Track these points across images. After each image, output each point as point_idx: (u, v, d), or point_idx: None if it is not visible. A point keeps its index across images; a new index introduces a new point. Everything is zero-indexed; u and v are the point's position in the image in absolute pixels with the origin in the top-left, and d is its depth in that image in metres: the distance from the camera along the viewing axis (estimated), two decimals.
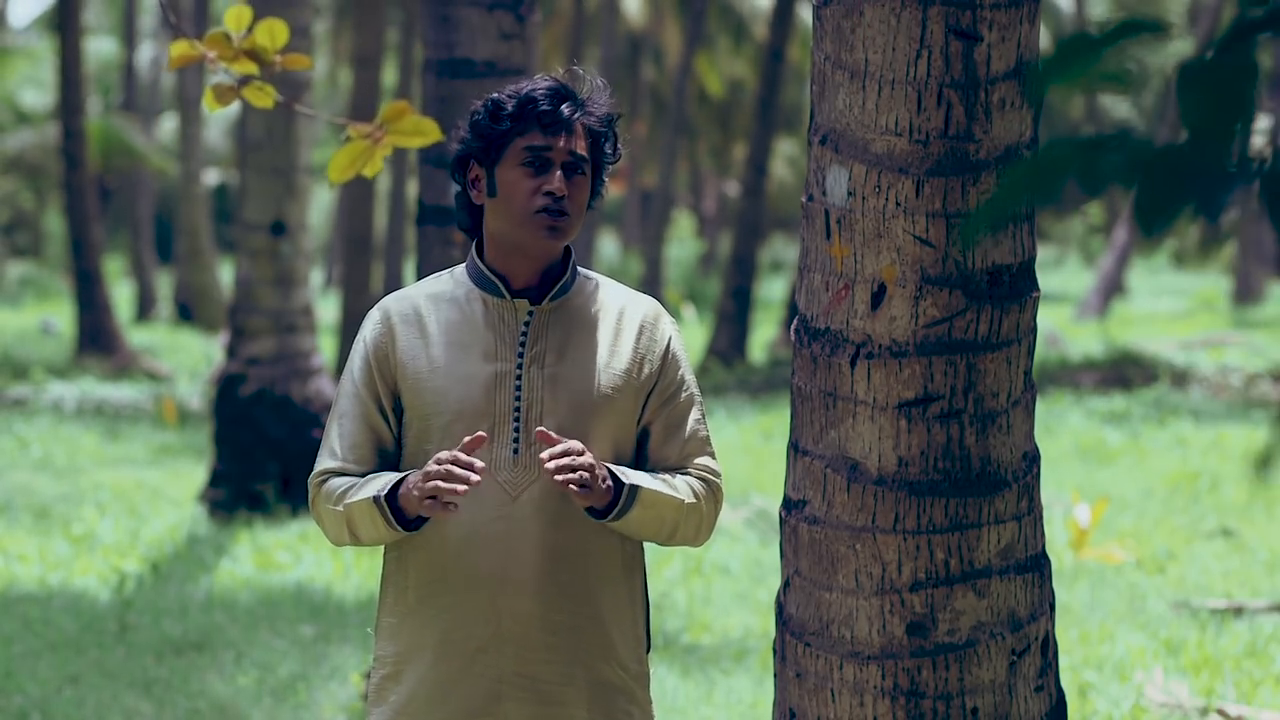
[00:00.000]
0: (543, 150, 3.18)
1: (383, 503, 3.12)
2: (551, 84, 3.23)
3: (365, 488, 3.17)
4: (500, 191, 3.21)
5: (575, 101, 3.22)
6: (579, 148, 3.20)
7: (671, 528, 3.21)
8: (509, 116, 3.19)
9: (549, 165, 3.19)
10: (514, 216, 3.19)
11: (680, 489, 3.21)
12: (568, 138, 3.19)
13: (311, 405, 10.56)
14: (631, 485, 3.12)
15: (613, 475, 3.13)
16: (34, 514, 10.32)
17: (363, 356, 3.26)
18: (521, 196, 3.18)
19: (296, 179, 10.69)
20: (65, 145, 19.82)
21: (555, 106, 3.19)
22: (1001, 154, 3.17)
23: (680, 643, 7.41)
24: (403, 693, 3.23)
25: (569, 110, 3.20)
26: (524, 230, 3.19)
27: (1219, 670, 6.66)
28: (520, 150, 3.19)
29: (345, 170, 4.06)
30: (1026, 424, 3.31)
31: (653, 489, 3.15)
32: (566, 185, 3.18)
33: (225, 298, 23.62)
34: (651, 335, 3.27)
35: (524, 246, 3.21)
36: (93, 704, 6.35)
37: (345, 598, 8.16)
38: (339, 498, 3.19)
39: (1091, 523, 9.01)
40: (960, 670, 3.24)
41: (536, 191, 3.17)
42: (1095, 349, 19.83)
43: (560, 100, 3.20)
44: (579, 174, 3.21)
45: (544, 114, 3.18)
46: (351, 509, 3.15)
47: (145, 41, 35.54)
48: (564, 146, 3.19)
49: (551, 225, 3.18)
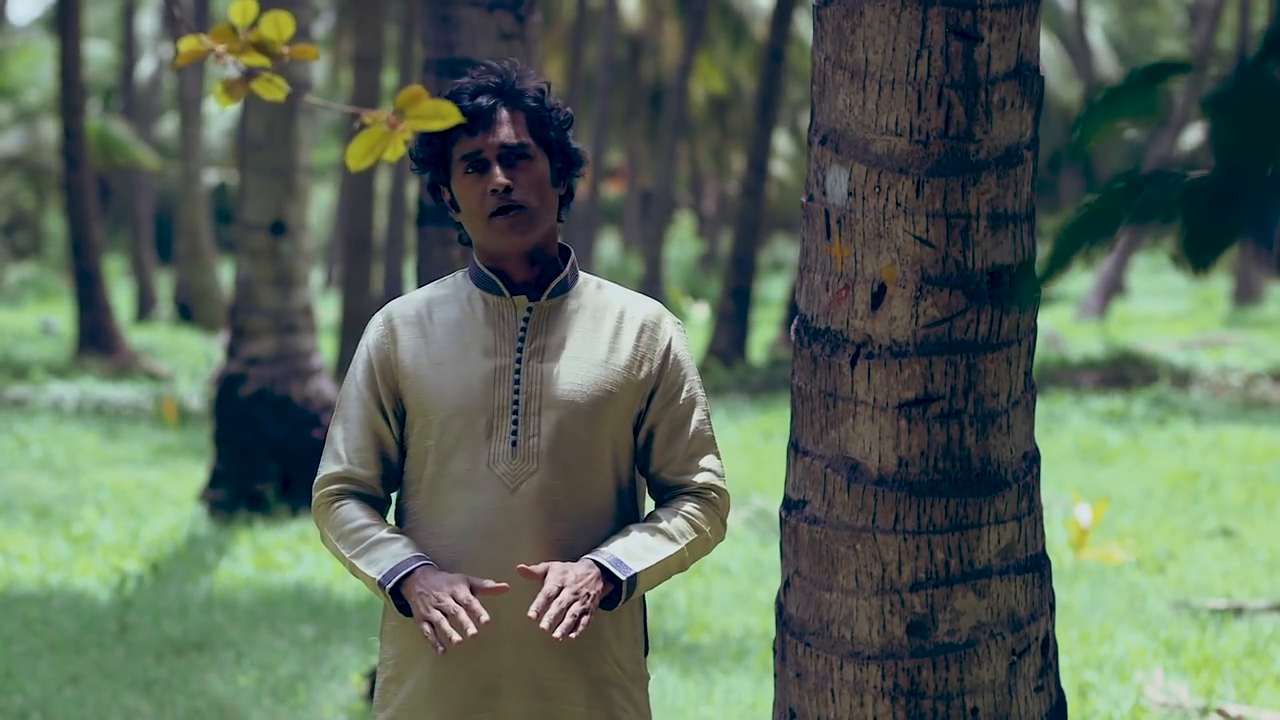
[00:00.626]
0: (475, 154, 3.18)
1: (386, 593, 3.13)
2: (464, 83, 3.22)
3: (376, 555, 3.15)
4: (460, 204, 3.23)
5: (491, 90, 3.20)
6: (510, 136, 3.18)
7: (679, 567, 3.24)
8: (437, 133, 3.17)
9: (486, 165, 3.18)
10: (476, 225, 3.21)
11: (678, 532, 3.21)
12: (493, 131, 3.18)
13: (311, 405, 10.56)
14: (630, 578, 3.12)
15: (606, 568, 3.12)
16: (34, 514, 10.32)
17: (365, 360, 3.27)
18: (474, 204, 3.19)
19: (296, 179, 10.68)
20: (65, 145, 19.81)
21: (471, 103, 3.18)
22: (1001, 154, 3.17)
23: (680, 643, 7.41)
24: (404, 692, 3.24)
25: (486, 102, 3.18)
26: (489, 235, 3.20)
27: (1219, 670, 6.66)
28: (459, 160, 3.19)
29: (364, 157, 4.06)
30: (1026, 424, 3.31)
31: (649, 566, 3.15)
32: (511, 174, 3.17)
33: (225, 298, 23.62)
34: (653, 335, 3.27)
35: (499, 249, 3.21)
36: (93, 704, 6.35)
37: (345, 598, 8.16)
38: (348, 538, 3.19)
39: (1091, 523, 9.00)
40: (960, 670, 3.24)
41: (484, 194, 3.18)
42: (1095, 349, 19.84)
43: (474, 96, 3.19)
44: (522, 159, 3.18)
45: (467, 116, 3.15)
46: (358, 567, 3.17)
47: (145, 44, 35.55)
48: (494, 141, 3.17)
49: (510, 222, 3.17)
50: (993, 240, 3.18)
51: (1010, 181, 3.18)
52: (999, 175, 3.17)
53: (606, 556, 3.13)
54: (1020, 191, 3.20)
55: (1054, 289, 33.92)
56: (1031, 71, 3.20)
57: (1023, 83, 3.17)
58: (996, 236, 3.18)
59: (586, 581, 3.08)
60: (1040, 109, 3.24)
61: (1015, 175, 3.19)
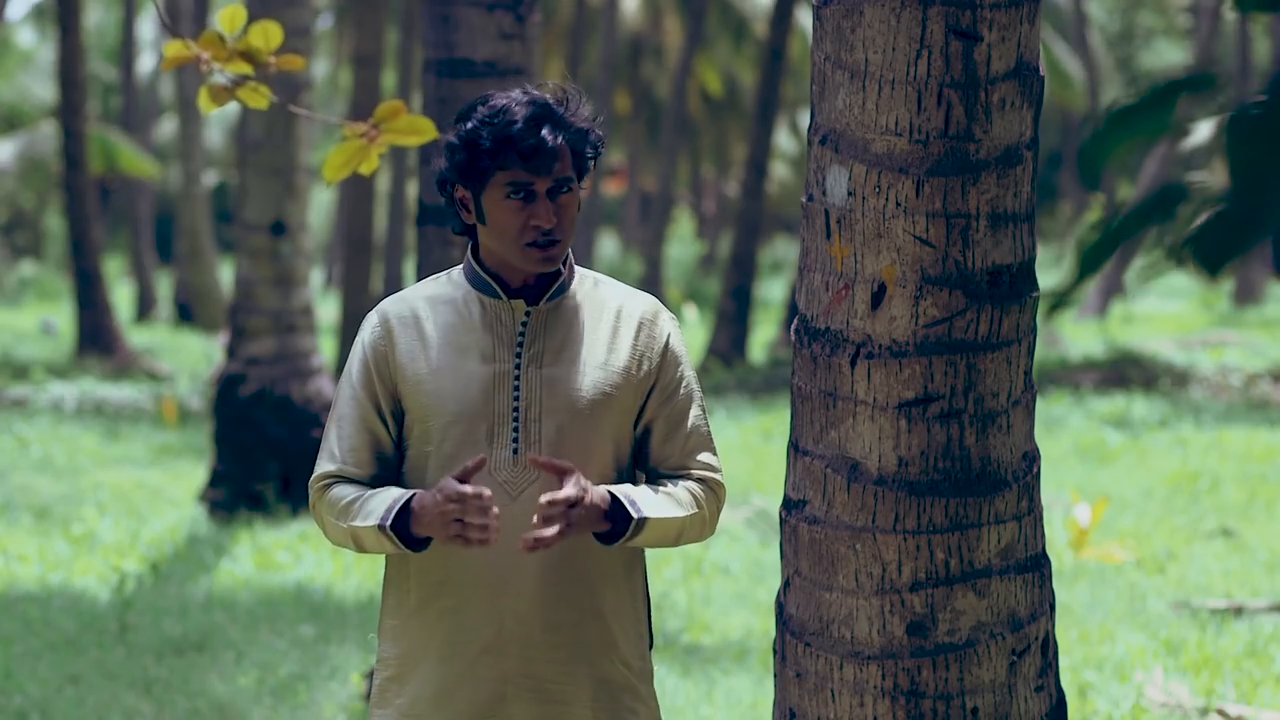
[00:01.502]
0: (527, 184, 3.12)
1: (389, 531, 3.11)
2: (528, 109, 3.12)
3: (370, 508, 3.15)
4: (489, 220, 3.16)
5: (554, 125, 3.13)
6: (562, 171, 3.14)
7: (676, 536, 3.22)
8: (487, 153, 3.10)
9: (534, 197, 3.13)
10: (505, 245, 3.16)
11: (684, 501, 3.21)
12: (550, 169, 3.12)
13: (311, 405, 10.56)
14: (640, 518, 3.12)
15: (619, 503, 3.12)
16: (34, 514, 10.32)
17: (361, 360, 3.25)
18: (511, 229, 3.14)
19: (296, 179, 10.69)
20: (65, 145, 19.81)
21: (535, 136, 3.10)
22: (1001, 154, 3.17)
23: (680, 643, 7.41)
24: (407, 695, 3.23)
25: (550, 138, 3.11)
26: (518, 258, 3.17)
27: (1219, 670, 6.66)
28: (503, 184, 3.13)
29: (340, 170, 4.06)
30: (1026, 424, 3.31)
31: (659, 516, 3.15)
32: (555, 209, 3.13)
33: (225, 298, 23.60)
34: (650, 332, 3.27)
35: (521, 269, 3.20)
36: (93, 704, 6.35)
37: (345, 598, 8.16)
38: (342, 511, 3.18)
39: (1091, 523, 9.00)
40: (960, 670, 3.24)
41: (525, 225, 3.13)
42: (1095, 349, 19.84)
43: (538, 127, 3.11)
44: (565, 192, 3.16)
45: (526, 149, 3.09)
46: (358, 531, 3.15)
47: (145, 44, 35.54)
48: (548, 178, 3.12)
49: (545, 255, 3.15)
50: (993, 240, 3.18)
51: (1010, 181, 3.18)
52: (999, 175, 3.17)
53: (624, 493, 3.13)
54: (1020, 191, 3.20)
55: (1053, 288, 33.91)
56: (1031, 71, 3.20)
57: (1023, 83, 3.17)
58: (996, 236, 3.18)
59: (591, 510, 3.07)
60: (1040, 109, 3.24)
61: (1015, 175, 3.19)
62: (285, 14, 10.43)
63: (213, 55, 3.95)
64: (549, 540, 3.03)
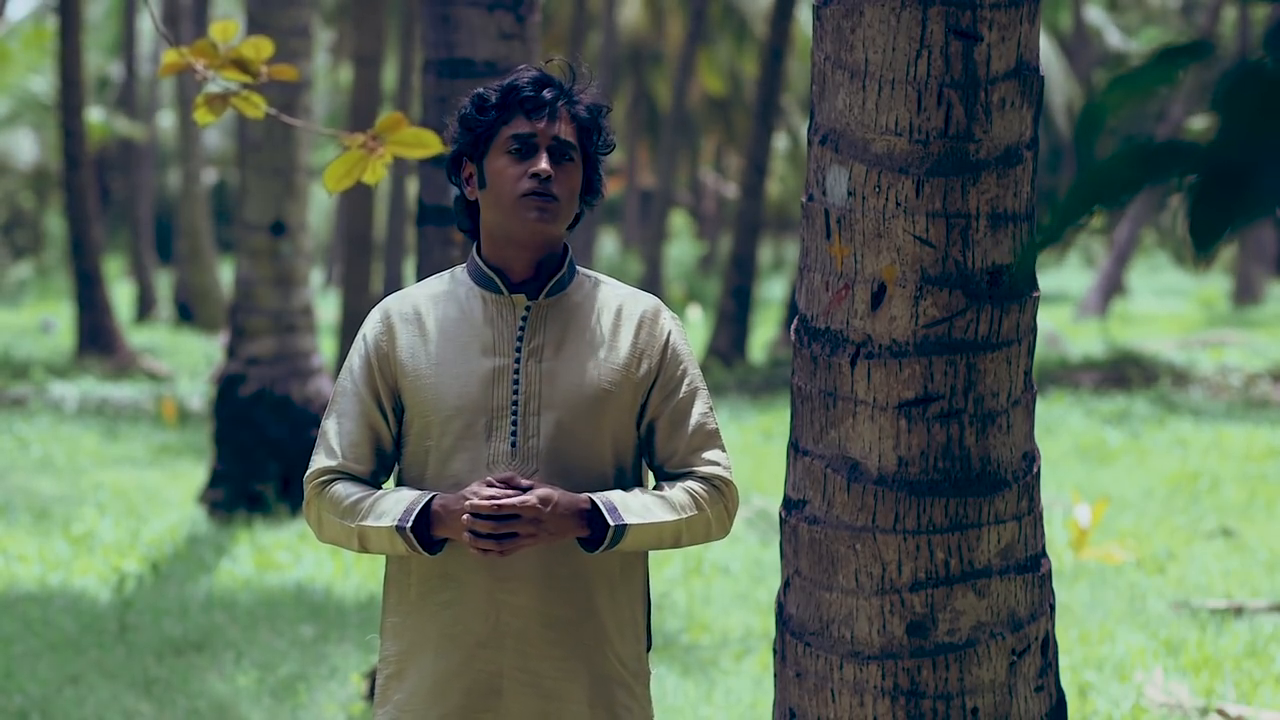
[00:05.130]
0: (528, 137, 3.18)
1: (409, 534, 3.12)
2: (536, 73, 3.25)
3: (383, 508, 3.15)
4: (490, 182, 3.21)
5: (559, 88, 3.22)
6: (564, 134, 3.20)
7: (674, 539, 3.19)
8: (494, 106, 3.20)
9: (534, 150, 3.18)
10: (503, 204, 3.19)
11: (680, 503, 3.18)
12: (551, 123, 3.19)
13: (311, 405, 10.56)
14: (618, 526, 3.11)
15: (598, 509, 3.11)
16: (34, 514, 10.31)
17: (362, 355, 3.26)
18: (509, 182, 3.18)
19: (296, 179, 10.68)
20: (65, 145, 19.81)
21: (538, 93, 3.20)
22: (1001, 154, 3.17)
23: (680, 643, 7.41)
24: (405, 690, 3.23)
25: (551, 95, 3.20)
26: (514, 217, 3.18)
27: (1219, 670, 6.66)
28: (507, 139, 3.19)
29: (341, 180, 4.07)
30: (1026, 424, 3.31)
31: (644, 522, 3.13)
32: (554, 169, 3.18)
33: (225, 298, 23.61)
34: (651, 330, 3.26)
35: (516, 235, 3.20)
36: (93, 704, 6.35)
37: (345, 598, 8.16)
38: (348, 510, 3.18)
39: (1091, 523, 9.00)
40: (960, 670, 3.24)
41: (523, 176, 3.17)
42: (1095, 349, 19.84)
43: (543, 86, 3.21)
44: (567, 160, 3.20)
45: (527, 100, 3.18)
46: (367, 531, 3.15)
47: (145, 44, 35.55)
48: (548, 131, 3.18)
49: (540, 207, 3.17)
50: (993, 240, 3.18)
51: (1010, 181, 3.18)
52: (999, 175, 3.17)
53: (603, 499, 3.12)
54: (1020, 191, 3.21)
55: (1053, 288, 33.92)
56: (1031, 71, 3.20)
57: (1023, 82, 3.18)
58: (996, 236, 3.18)
59: (558, 520, 3.07)
60: (1040, 109, 3.24)
61: (1015, 175, 3.19)
62: (285, 14, 10.44)
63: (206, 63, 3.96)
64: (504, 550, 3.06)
